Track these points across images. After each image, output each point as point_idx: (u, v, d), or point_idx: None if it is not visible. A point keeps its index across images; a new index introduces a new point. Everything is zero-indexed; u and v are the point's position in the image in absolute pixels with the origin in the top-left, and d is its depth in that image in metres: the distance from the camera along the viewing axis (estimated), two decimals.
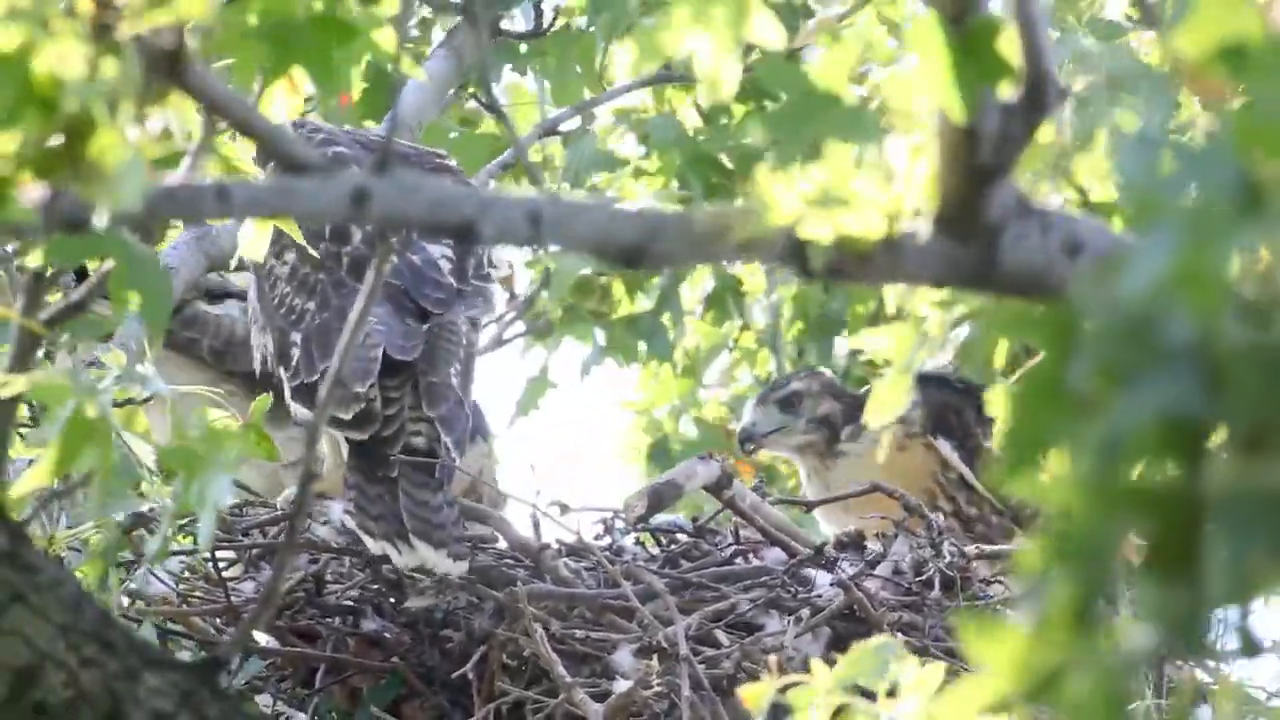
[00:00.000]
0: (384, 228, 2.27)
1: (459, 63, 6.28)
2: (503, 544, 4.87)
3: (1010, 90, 2.27)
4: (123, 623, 2.68)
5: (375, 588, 4.77)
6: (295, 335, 4.72)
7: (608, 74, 6.42)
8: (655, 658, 4.55)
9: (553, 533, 4.94)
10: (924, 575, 4.90)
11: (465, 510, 4.87)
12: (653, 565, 4.93)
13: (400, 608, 4.74)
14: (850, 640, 4.55)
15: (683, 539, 5.05)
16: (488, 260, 4.86)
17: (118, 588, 3.43)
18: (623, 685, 4.50)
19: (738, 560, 4.98)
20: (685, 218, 2.24)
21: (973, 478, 5.43)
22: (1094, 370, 1.75)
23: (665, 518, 5.10)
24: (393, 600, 4.76)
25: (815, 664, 2.79)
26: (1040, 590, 1.77)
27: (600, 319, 6.75)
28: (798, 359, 6.87)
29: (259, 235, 3.14)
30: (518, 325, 6.92)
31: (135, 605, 4.48)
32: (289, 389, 4.68)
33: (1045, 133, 2.37)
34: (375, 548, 4.50)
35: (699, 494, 5.14)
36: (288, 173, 2.24)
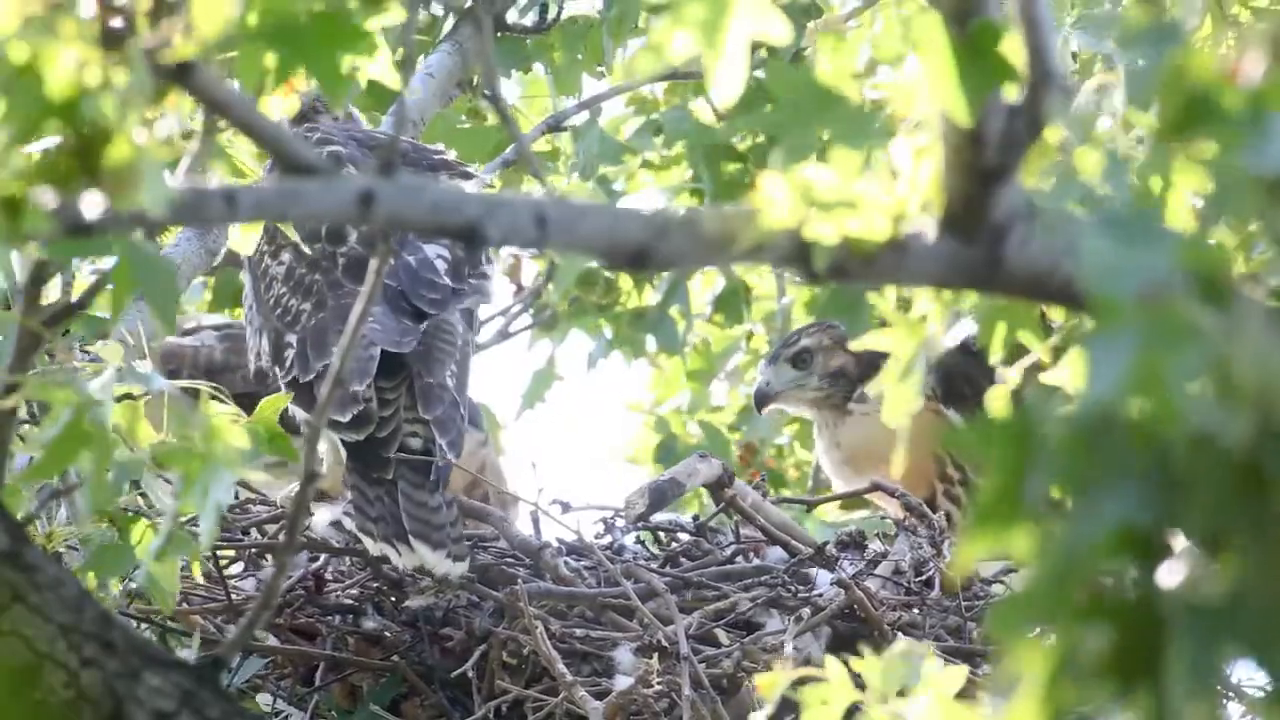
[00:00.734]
0: (389, 229, 2.27)
1: (463, 57, 6.27)
2: (503, 542, 4.87)
3: (1015, 91, 2.27)
4: (123, 622, 2.67)
5: (375, 586, 4.76)
6: (291, 336, 4.71)
7: (615, 72, 6.41)
8: (655, 656, 4.55)
9: (553, 531, 4.94)
10: (924, 575, 4.89)
11: (465, 509, 4.87)
12: (653, 564, 4.92)
13: (400, 606, 4.73)
14: (851, 640, 4.58)
15: (683, 538, 5.04)
16: (485, 258, 4.86)
17: (117, 587, 3.42)
18: (623, 684, 4.50)
19: (738, 559, 4.98)
20: (691, 219, 2.24)
21: None
22: (1051, 482, 1.76)
23: (666, 516, 5.09)
24: (393, 599, 4.75)
25: (829, 661, 2.78)
26: (1006, 696, 1.77)
27: (606, 312, 6.72)
28: None
29: (249, 229, 3.14)
30: (524, 318, 6.90)
31: (134, 604, 4.47)
32: (284, 389, 4.67)
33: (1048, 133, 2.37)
34: (375, 549, 4.49)
35: (700, 492, 5.14)
36: (292, 175, 2.23)
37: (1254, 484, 1.74)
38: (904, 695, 2.75)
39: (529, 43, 6.44)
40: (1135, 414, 1.74)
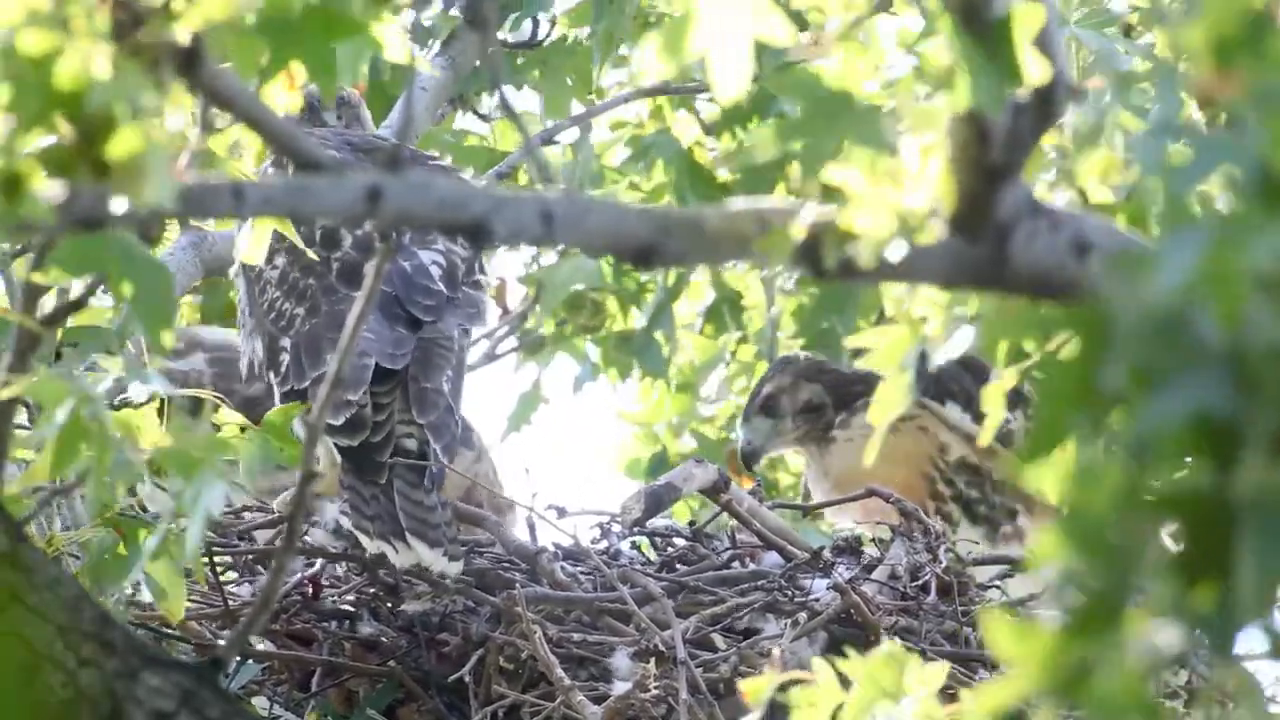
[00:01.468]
0: (396, 226, 2.26)
1: (454, 71, 6.27)
2: (499, 548, 4.86)
3: (1021, 89, 2.27)
4: (123, 623, 2.67)
5: (372, 591, 4.75)
6: (285, 341, 4.71)
7: (602, 88, 6.41)
8: (652, 661, 4.55)
9: (549, 536, 4.94)
10: (920, 580, 4.89)
11: (461, 514, 4.87)
12: (650, 569, 4.92)
13: (397, 611, 4.73)
14: (846, 644, 4.57)
15: (680, 543, 5.04)
16: (479, 266, 4.85)
17: (125, 589, 3.41)
18: (620, 688, 4.50)
19: (735, 564, 4.98)
20: (697, 217, 2.24)
21: (976, 456, 5.39)
22: (1126, 370, 1.74)
23: (662, 521, 5.09)
24: (389, 604, 4.74)
25: (817, 663, 2.78)
26: (1066, 587, 1.75)
27: (592, 334, 6.72)
28: None
29: (259, 239, 3.12)
30: (510, 341, 6.89)
31: (130, 609, 4.46)
32: (279, 395, 4.67)
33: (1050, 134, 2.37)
34: (372, 547, 4.50)
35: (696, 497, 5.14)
36: (300, 171, 2.22)
37: None
38: (893, 698, 2.75)
39: (520, 59, 6.44)
40: (1205, 308, 1.73)
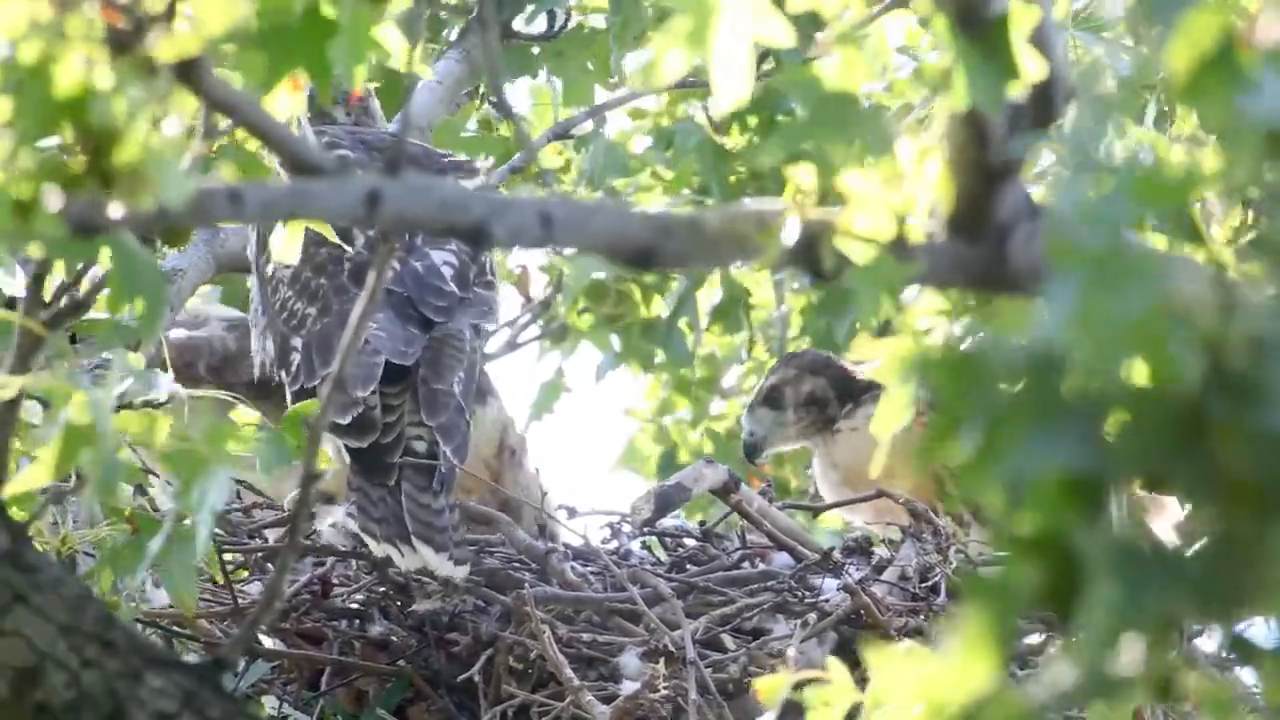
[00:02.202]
0: (396, 229, 2.26)
1: (470, 65, 6.27)
2: (509, 547, 4.87)
3: (1020, 91, 2.26)
4: (125, 623, 2.67)
5: (382, 591, 4.76)
6: (296, 340, 4.71)
7: (622, 77, 6.40)
8: (662, 661, 4.55)
9: (559, 536, 4.93)
10: (930, 580, 4.88)
11: (471, 513, 4.87)
12: (659, 569, 4.92)
13: (407, 611, 4.73)
14: (857, 645, 4.57)
15: (690, 543, 5.04)
16: (489, 267, 4.86)
17: (134, 588, 3.41)
18: (629, 688, 4.50)
19: (744, 564, 4.98)
20: (697, 219, 2.24)
21: None
22: (991, 421, 1.76)
23: (672, 521, 5.09)
24: (399, 603, 4.75)
25: (832, 663, 2.77)
26: (956, 623, 1.78)
27: (615, 324, 6.72)
28: None
29: (292, 238, 3.12)
30: (532, 329, 6.89)
31: (141, 607, 4.46)
32: (289, 394, 4.68)
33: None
34: (378, 550, 4.50)
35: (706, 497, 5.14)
36: (300, 175, 2.23)
37: (1197, 431, 1.75)
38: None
39: (536, 50, 6.43)
40: (1082, 357, 1.76)
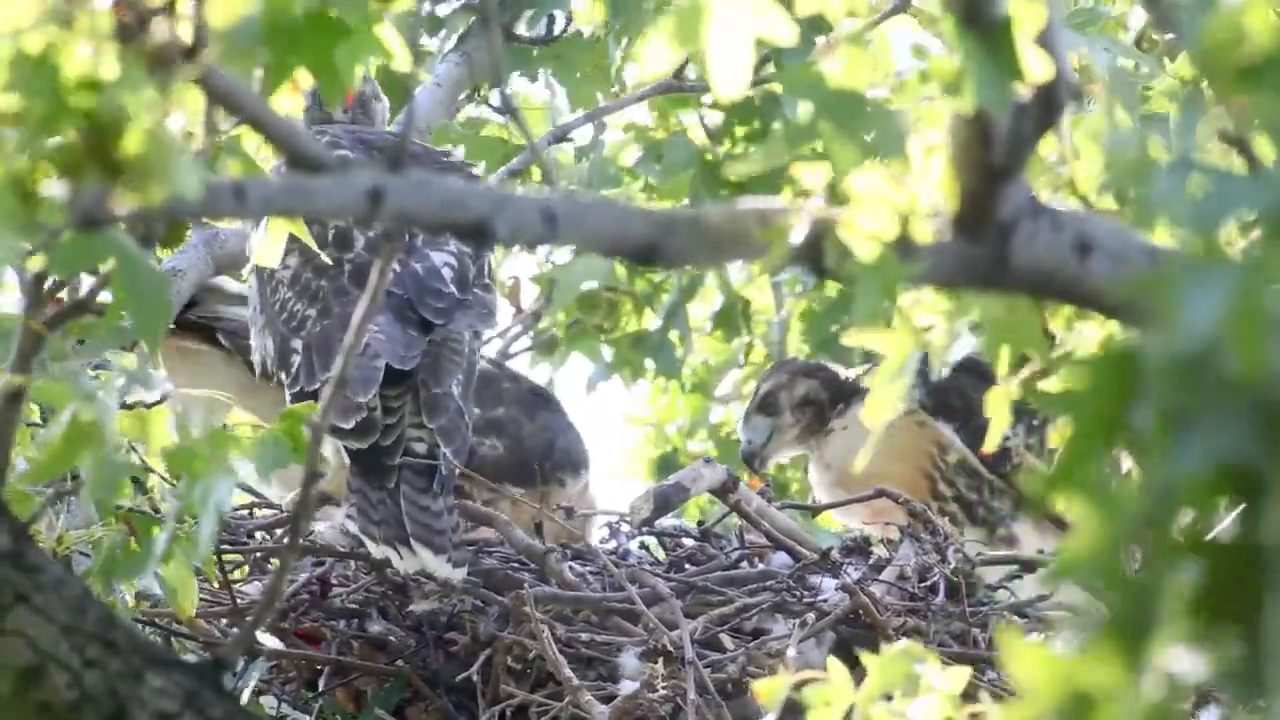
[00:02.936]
0: (398, 226, 2.26)
1: (470, 67, 6.27)
2: (508, 547, 4.87)
3: (1024, 90, 2.26)
4: (126, 623, 2.67)
5: (380, 591, 4.76)
6: (296, 342, 4.71)
7: (621, 80, 6.40)
8: (660, 661, 4.55)
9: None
10: (929, 580, 4.88)
11: (469, 513, 4.87)
12: (658, 569, 4.92)
13: (405, 611, 4.73)
14: (855, 645, 4.57)
15: (688, 543, 5.04)
16: (488, 269, 4.86)
17: (131, 589, 3.41)
18: (628, 688, 4.50)
19: (743, 564, 4.98)
20: (699, 216, 2.24)
21: (975, 461, 5.40)
22: (1155, 412, 1.71)
23: (670, 521, 5.09)
24: (398, 603, 4.75)
25: (831, 663, 2.77)
26: (1088, 618, 1.74)
27: (606, 334, 6.72)
28: None
29: (273, 240, 3.12)
30: (523, 340, 6.89)
31: (140, 606, 4.46)
32: (289, 396, 4.68)
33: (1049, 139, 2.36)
34: (377, 551, 4.50)
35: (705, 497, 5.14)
36: (302, 171, 2.22)
37: None
38: (906, 696, 2.75)
39: (536, 54, 6.44)
40: (1232, 351, 1.71)
